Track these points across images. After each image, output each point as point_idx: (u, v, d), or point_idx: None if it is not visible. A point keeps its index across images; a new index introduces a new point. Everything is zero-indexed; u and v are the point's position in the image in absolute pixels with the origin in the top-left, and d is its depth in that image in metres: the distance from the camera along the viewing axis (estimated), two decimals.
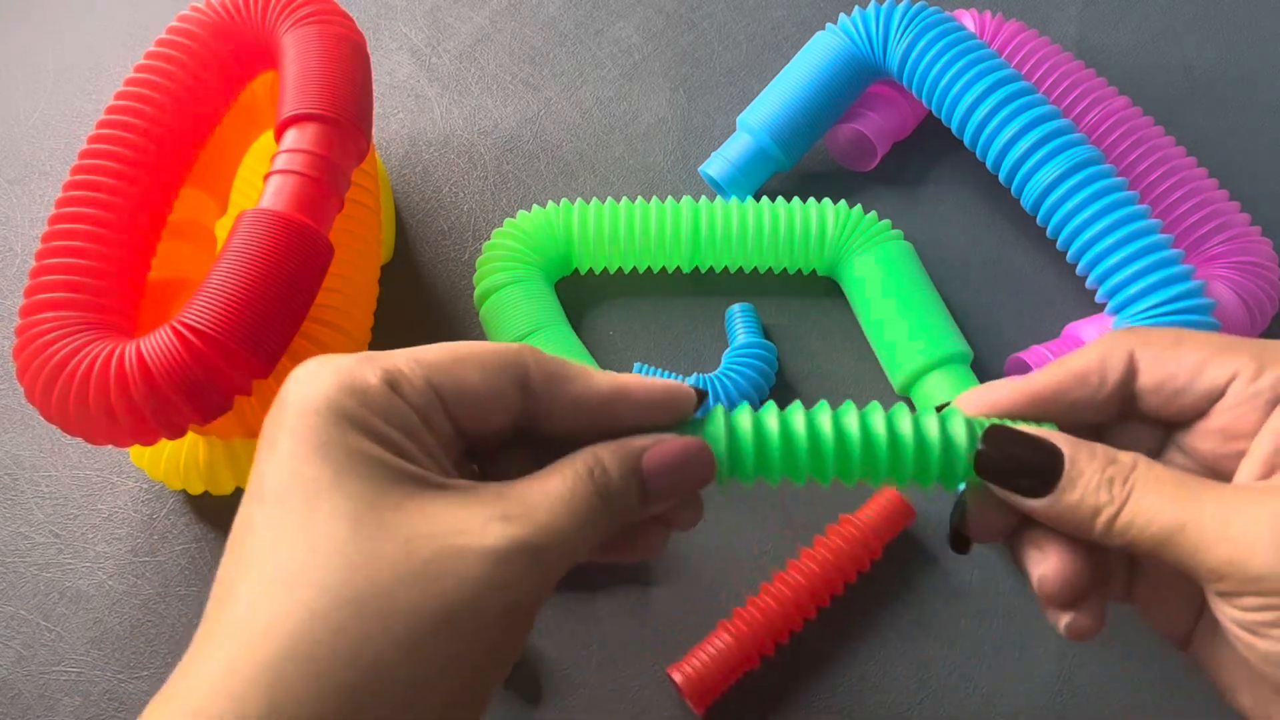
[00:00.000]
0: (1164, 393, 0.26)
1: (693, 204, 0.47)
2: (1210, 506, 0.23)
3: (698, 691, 0.38)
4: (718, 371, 0.45)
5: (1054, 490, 0.24)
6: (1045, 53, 0.48)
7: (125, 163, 0.40)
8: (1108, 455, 0.25)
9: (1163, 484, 0.24)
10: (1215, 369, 0.25)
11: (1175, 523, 0.23)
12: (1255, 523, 0.22)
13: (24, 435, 0.47)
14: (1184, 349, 0.26)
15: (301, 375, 0.24)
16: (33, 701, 0.41)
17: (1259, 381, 0.24)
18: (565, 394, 0.25)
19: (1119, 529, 0.24)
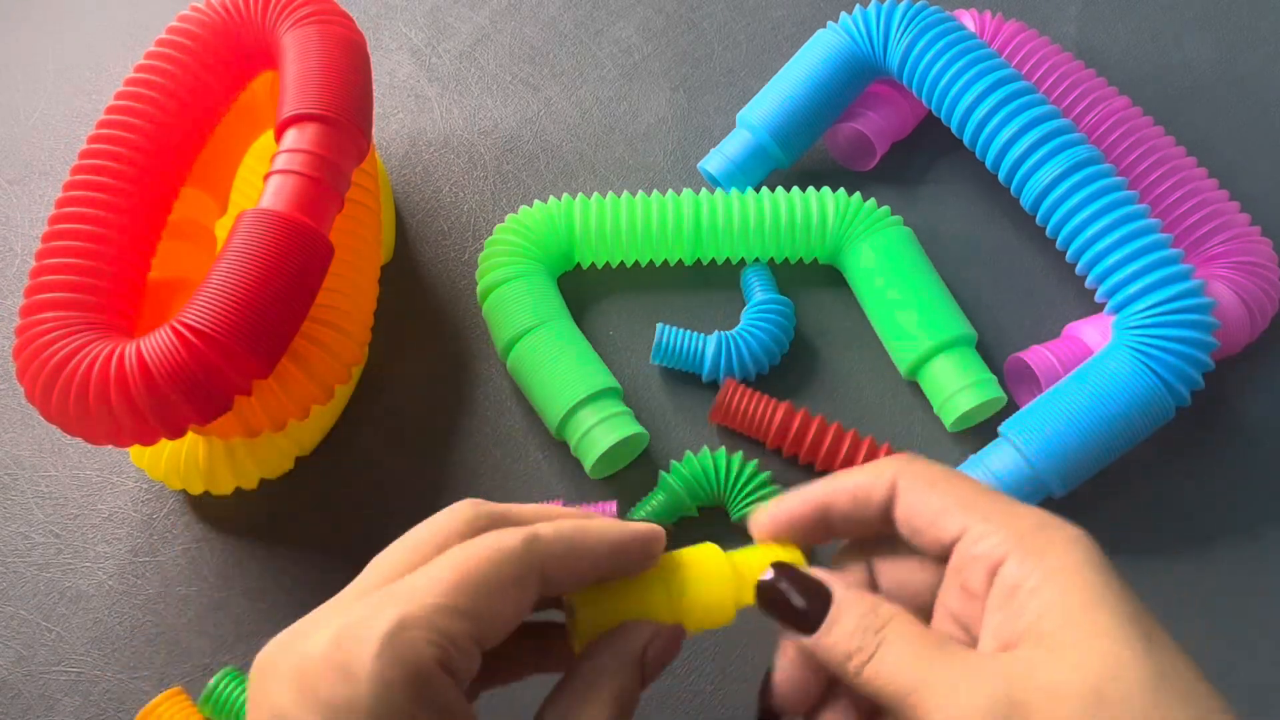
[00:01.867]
0: (908, 529, 0.27)
1: (693, 196, 0.47)
2: (941, 674, 0.24)
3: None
4: (738, 329, 0.46)
5: (818, 630, 0.26)
6: (1045, 53, 0.48)
7: (125, 163, 0.40)
8: (872, 605, 0.26)
9: (908, 643, 0.25)
10: (947, 522, 0.26)
11: (910, 684, 0.24)
12: (968, 700, 0.23)
13: (24, 435, 0.47)
14: (933, 492, 0.27)
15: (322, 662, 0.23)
16: (33, 701, 0.41)
17: (978, 546, 0.25)
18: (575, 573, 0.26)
19: (865, 678, 0.25)
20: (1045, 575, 0.24)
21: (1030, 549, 0.24)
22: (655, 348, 0.45)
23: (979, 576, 0.25)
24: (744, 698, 0.40)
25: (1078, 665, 0.22)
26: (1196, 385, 0.40)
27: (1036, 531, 0.25)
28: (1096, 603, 0.23)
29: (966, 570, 0.26)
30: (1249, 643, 0.40)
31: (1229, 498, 0.43)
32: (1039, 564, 0.24)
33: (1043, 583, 0.24)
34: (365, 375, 0.47)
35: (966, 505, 0.26)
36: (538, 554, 0.25)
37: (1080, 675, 0.22)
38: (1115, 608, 0.23)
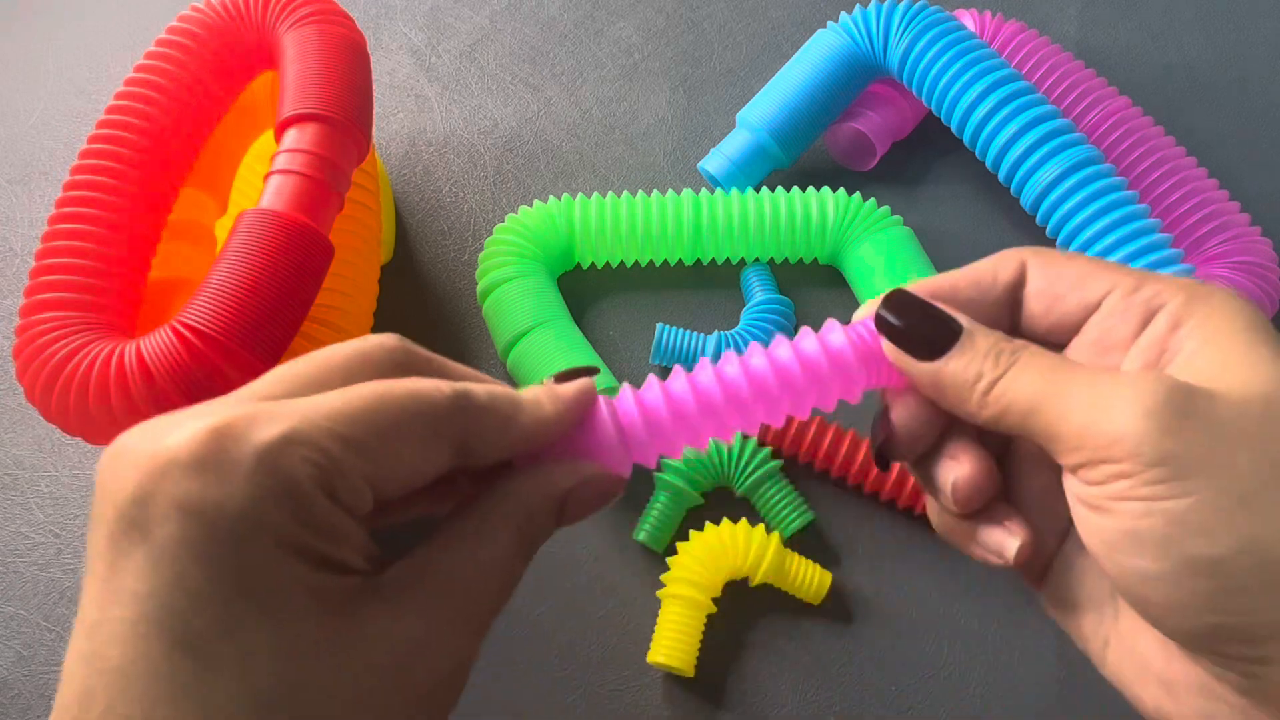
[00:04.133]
0: (1045, 300, 0.26)
1: (694, 196, 0.47)
2: (1080, 378, 0.23)
3: None
4: (738, 329, 0.46)
5: (944, 356, 0.24)
6: (1045, 53, 0.48)
7: (125, 163, 0.40)
8: (1000, 335, 0.25)
9: (1042, 361, 0.24)
10: (1095, 282, 0.25)
11: (1044, 391, 0.23)
12: (1125, 389, 0.22)
13: (24, 435, 0.47)
14: (1072, 262, 0.25)
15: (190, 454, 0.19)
16: (33, 701, 0.41)
17: (1134, 295, 0.24)
18: (498, 446, 0.24)
19: (994, 396, 0.24)
20: (1211, 312, 0.23)
21: (1195, 293, 0.23)
22: (655, 348, 0.45)
23: (1129, 324, 0.24)
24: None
25: (1245, 379, 0.21)
26: None
27: (1200, 286, 0.24)
28: (1259, 338, 0.22)
29: (1114, 320, 0.24)
30: None
31: None
32: (1205, 304, 0.23)
33: (1208, 318, 0.23)
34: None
35: (1114, 268, 0.25)
36: (462, 415, 0.22)
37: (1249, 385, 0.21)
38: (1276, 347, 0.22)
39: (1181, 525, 0.20)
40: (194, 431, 0.19)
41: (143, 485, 0.19)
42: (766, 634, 0.41)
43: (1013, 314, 0.26)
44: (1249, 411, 0.21)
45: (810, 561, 0.41)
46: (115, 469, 0.20)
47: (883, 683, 0.41)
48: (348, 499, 0.20)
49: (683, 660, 0.39)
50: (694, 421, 0.26)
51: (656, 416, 0.25)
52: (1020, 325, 0.26)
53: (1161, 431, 0.21)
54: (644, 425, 0.25)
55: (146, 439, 0.20)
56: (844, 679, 0.41)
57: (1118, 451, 0.21)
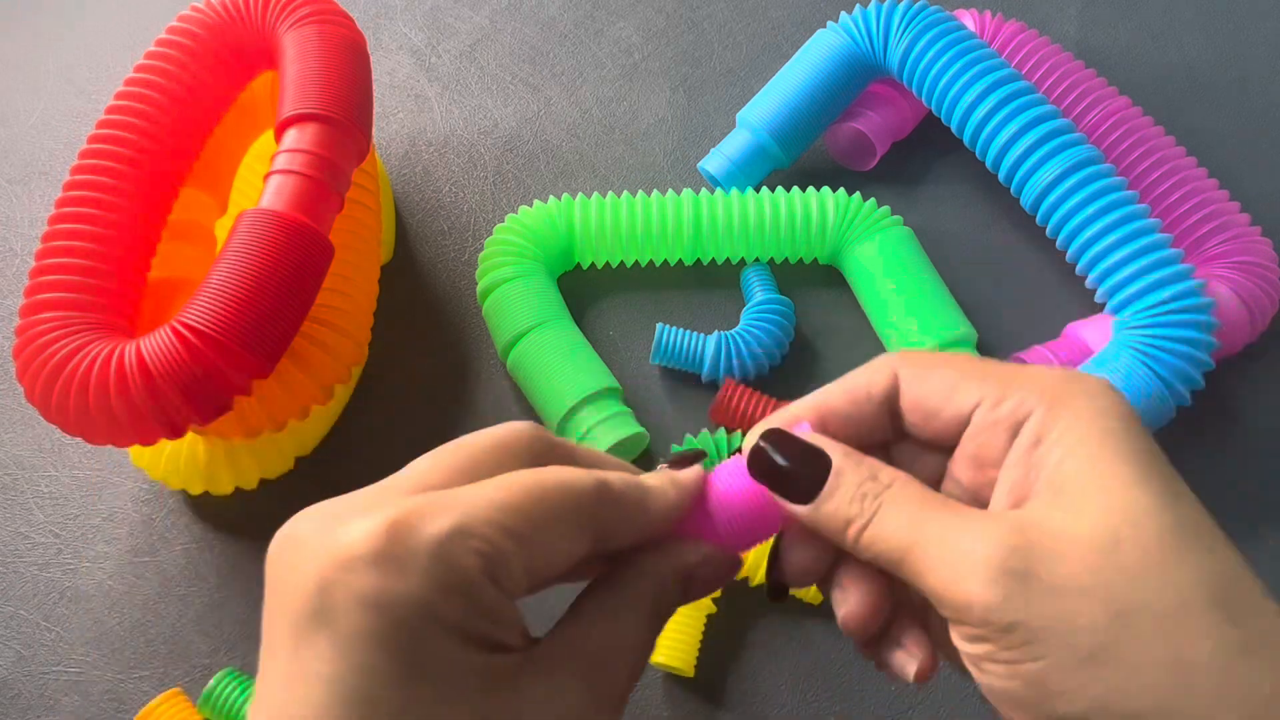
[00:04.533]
0: (919, 414, 0.26)
1: (694, 196, 0.47)
2: (937, 529, 0.23)
3: None
4: (738, 329, 0.46)
5: (816, 498, 0.25)
6: (1045, 53, 0.48)
7: (125, 163, 0.40)
8: (871, 470, 0.25)
9: (908, 503, 0.24)
10: (962, 395, 0.25)
11: (907, 542, 0.23)
12: (970, 549, 0.22)
13: (24, 435, 0.47)
14: (939, 371, 0.26)
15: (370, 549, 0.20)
16: (33, 701, 0.41)
17: (999, 408, 0.24)
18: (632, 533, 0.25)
19: (864, 543, 0.24)
20: (1070, 422, 0.23)
21: (1057, 399, 0.23)
22: (655, 348, 0.45)
23: (998, 440, 0.24)
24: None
25: (1095, 512, 0.21)
26: (1196, 385, 0.40)
27: (1062, 384, 0.24)
28: (1119, 451, 0.22)
29: (984, 437, 0.24)
30: None
31: (1229, 498, 0.43)
32: (1065, 412, 0.23)
33: (1067, 430, 0.23)
34: (365, 375, 0.47)
35: (982, 375, 0.25)
36: (604, 504, 0.24)
37: (1097, 521, 0.21)
38: (1138, 458, 0.22)
39: (1041, 688, 0.21)
40: (372, 526, 0.21)
41: (325, 576, 0.20)
42: (766, 634, 0.41)
43: (894, 421, 0.27)
44: (1092, 561, 0.21)
45: None
46: (293, 560, 0.21)
47: (883, 683, 0.41)
48: (509, 585, 0.22)
49: (683, 660, 0.39)
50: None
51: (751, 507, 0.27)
52: (905, 430, 0.27)
53: (1005, 599, 0.21)
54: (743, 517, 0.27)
55: (322, 531, 0.21)
56: (844, 679, 0.41)
57: (972, 617, 0.22)
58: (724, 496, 0.26)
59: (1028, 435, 0.23)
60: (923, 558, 0.23)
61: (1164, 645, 0.20)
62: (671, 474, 0.26)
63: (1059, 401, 0.23)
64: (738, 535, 0.26)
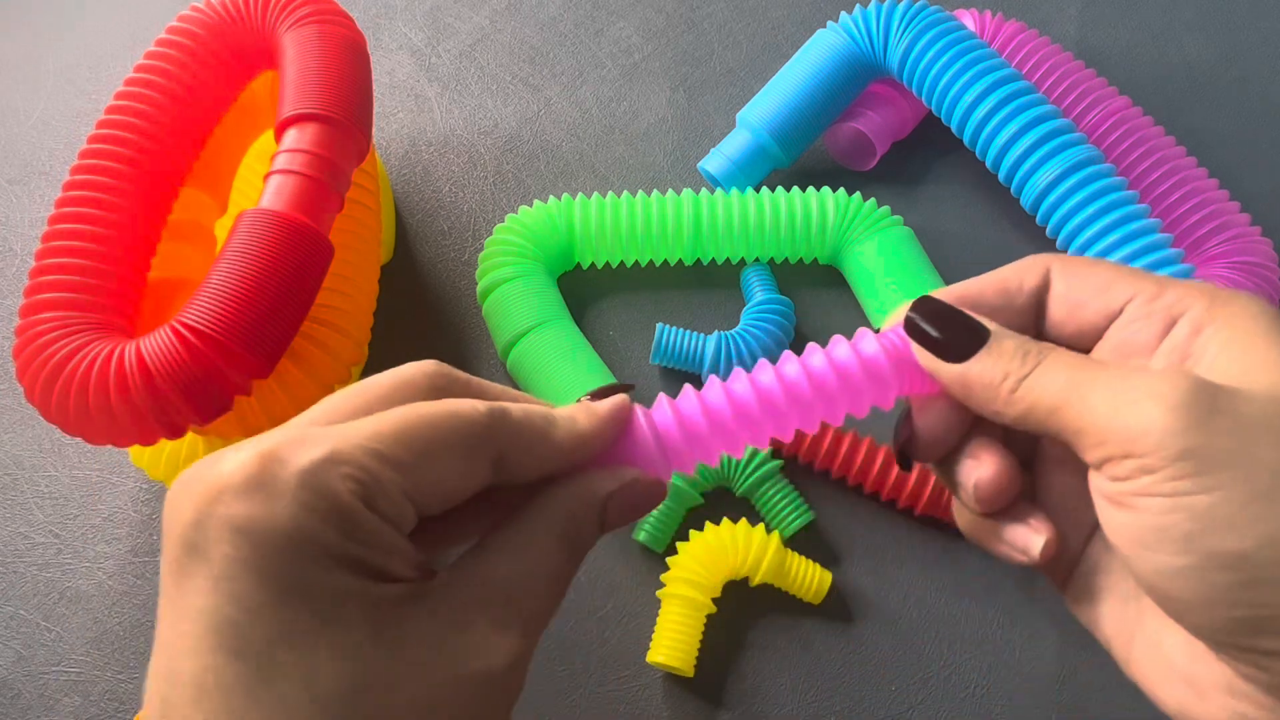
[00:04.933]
0: (1068, 306, 0.26)
1: (694, 196, 0.47)
2: (1105, 375, 0.23)
3: None
4: (738, 329, 0.46)
5: (972, 358, 0.25)
6: (1045, 53, 0.48)
7: (125, 163, 0.40)
8: (1026, 338, 0.25)
9: (1068, 359, 0.24)
10: (1118, 288, 0.25)
11: (1070, 388, 0.23)
12: (1148, 385, 0.22)
13: (24, 435, 0.47)
14: (1096, 269, 0.26)
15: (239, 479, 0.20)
16: (33, 701, 0.41)
17: (1157, 301, 0.24)
18: (534, 462, 0.24)
19: (1020, 394, 0.24)
20: (1231, 317, 0.23)
21: (1217, 298, 0.23)
22: (655, 348, 0.45)
23: (1152, 329, 0.24)
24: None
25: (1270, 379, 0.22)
26: None
27: (1219, 290, 0.24)
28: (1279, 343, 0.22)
29: (1136, 326, 0.24)
30: None
31: None
32: (1226, 309, 0.23)
33: (1229, 322, 0.23)
34: (365, 375, 0.47)
35: (1137, 274, 0.25)
36: (498, 432, 0.23)
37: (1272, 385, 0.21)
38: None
39: (1206, 520, 0.20)
40: (243, 458, 0.21)
41: (199, 510, 0.20)
42: (766, 634, 0.41)
43: (1037, 320, 0.27)
44: (1273, 409, 0.21)
45: (810, 561, 0.41)
46: (175, 499, 0.21)
47: (883, 683, 0.41)
48: (390, 512, 0.21)
49: (683, 660, 0.39)
50: (730, 429, 0.26)
51: (693, 424, 0.26)
52: (1044, 331, 0.27)
53: (1186, 426, 0.21)
54: (681, 433, 0.26)
55: (202, 468, 0.21)
56: (844, 679, 0.41)
57: (1142, 446, 0.21)
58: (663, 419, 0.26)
59: (1186, 325, 0.23)
60: (1091, 396, 0.22)
61: None
62: (587, 404, 0.26)
63: (1219, 300, 0.23)
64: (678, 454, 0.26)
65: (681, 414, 0.26)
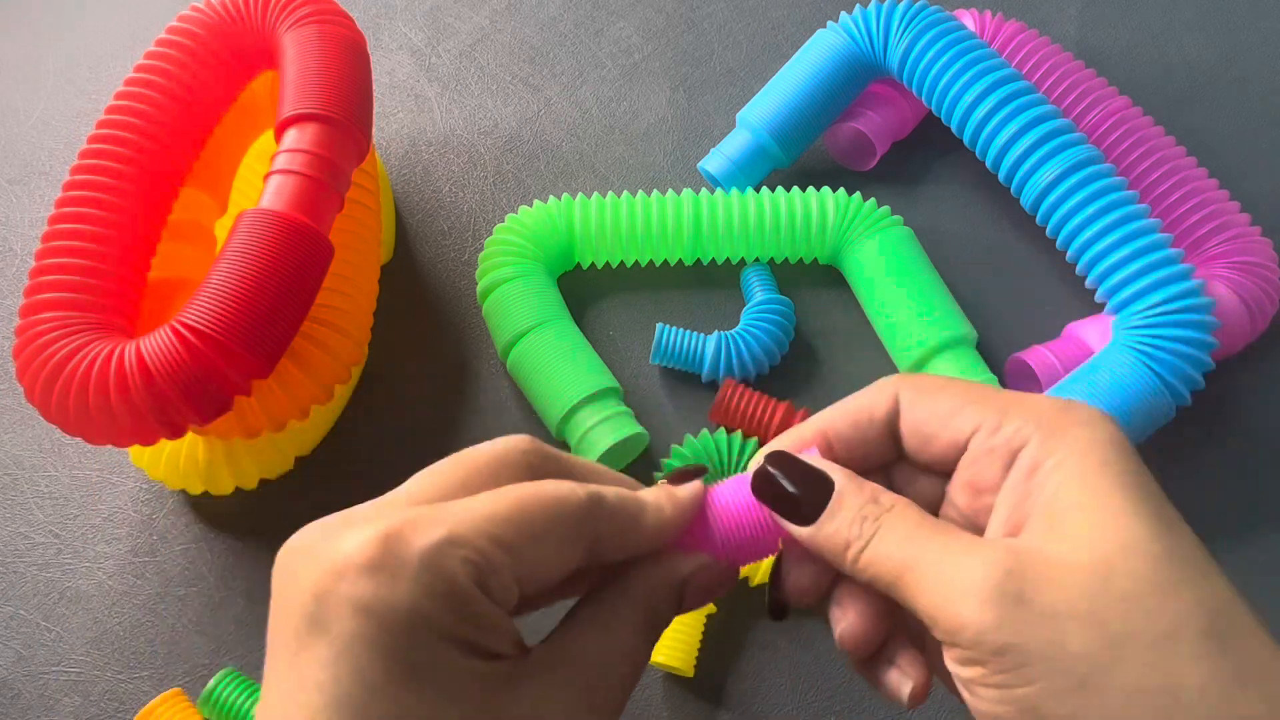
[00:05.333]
0: (918, 439, 0.26)
1: (694, 196, 0.47)
2: (933, 553, 0.23)
3: None
4: (738, 329, 0.46)
5: (817, 521, 0.25)
6: (1045, 53, 0.48)
7: (125, 163, 0.40)
8: (872, 494, 0.25)
9: (905, 527, 0.24)
10: (961, 420, 0.25)
11: (902, 565, 0.23)
12: (965, 573, 0.22)
13: (24, 435, 0.47)
14: (940, 396, 0.26)
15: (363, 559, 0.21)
16: (33, 701, 0.41)
17: (996, 435, 0.24)
18: (625, 547, 0.25)
19: (862, 564, 0.24)
20: (1067, 452, 0.23)
21: (1053, 428, 0.24)
22: (655, 348, 0.45)
23: (994, 467, 0.24)
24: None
25: (1090, 540, 0.22)
26: (1196, 385, 0.40)
27: (1059, 413, 0.24)
28: (1114, 481, 0.22)
29: (981, 464, 0.25)
30: None
31: (1229, 498, 0.43)
32: (1061, 441, 0.23)
33: (1063, 459, 0.23)
34: (365, 375, 0.47)
35: (980, 401, 0.25)
36: (597, 518, 0.24)
37: (1090, 550, 0.22)
38: (1132, 488, 0.22)
39: (1032, 713, 0.21)
40: (366, 537, 0.21)
41: (321, 585, 0.21)
42: (766, 634, 0.41)
43: (896, 444, 0.27)
44: (1085, 587, 0.21)
45: None
46: (295, 568, 0.22)
47: None
48: (499, 594, 0.22)
49: (683, 660, 0.39)
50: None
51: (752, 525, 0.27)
52: (904, 456, 0.27)
53: (998, 622, 0.21)
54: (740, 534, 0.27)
55: (322, 541, 0.22)
56: (844, 679, 0.41)
57: (965, 639, 0.22)
58: (724, 513, 0.27)
59: (1024, 463, 0.24)
60: (918, 580, 0.23)
61: (1156, 673, 0.20)
62: (669, 489, 0.27)
63: (1055, 430, 0.24)
64: (737, 551, 0.27)
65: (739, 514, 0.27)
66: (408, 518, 0.22)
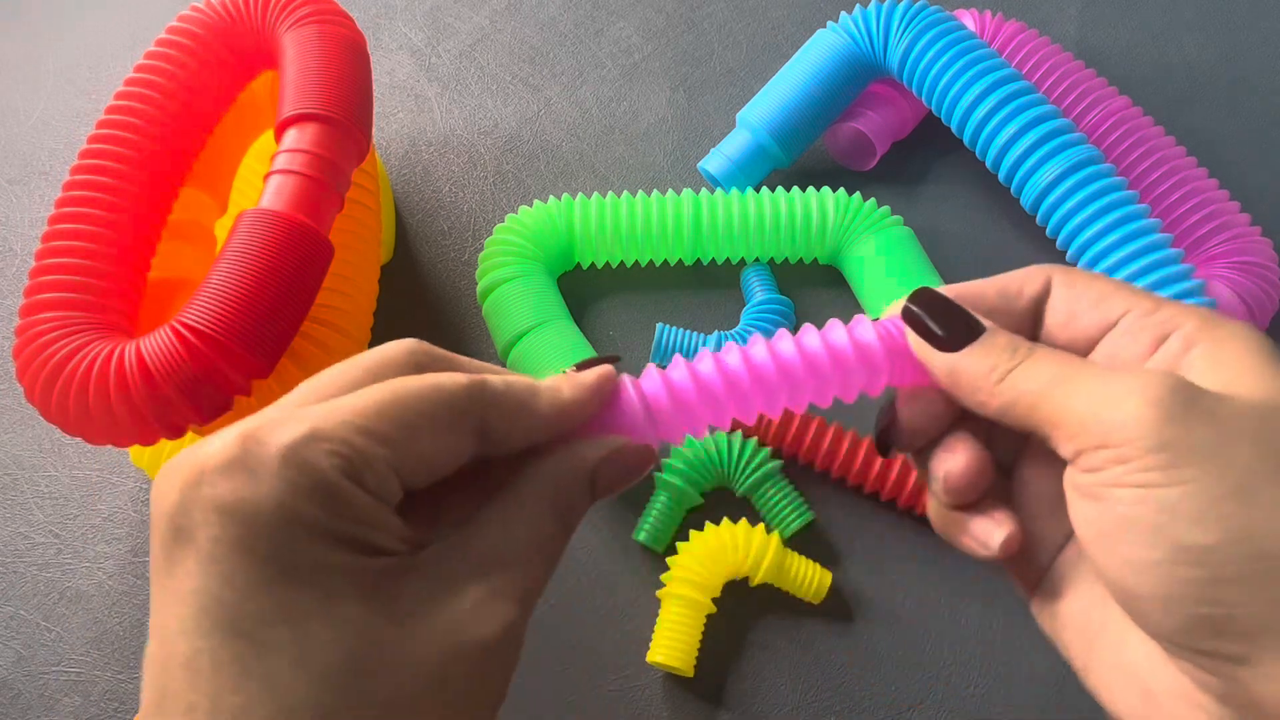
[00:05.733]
0: (1064, 315, 0.26)
1: (693, 196, 0.47)
2: (1090, 371, 0.23)
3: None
4: (738, 329, 0.46)
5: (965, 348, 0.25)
6: (1045, 53, 0.48)
7: (125, 163, 0.40)
8: (1019, 336, 0.25)
9: (1056, 356, 0.24)
10: (1114, 302, 0.25)
11: (1054, 382, 0.23)
12: (1127, 379, 0.22)
13: (24, 435, 0.47)
14: (1095, 282, 0.26)
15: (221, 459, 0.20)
16: (33, 701, 0.41)
17: (1150, 317, 0.24)
18: (518, 432, 0.24)
19: (1005, 385, 0.24)
20: (1222, 338, 0.23)
21: (1210, 321, 0.24)
22: (655, 348, 0.45)
23: (1143, 342, 0.24)
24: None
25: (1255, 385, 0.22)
26: None
27: (1217, 315, 0.24)
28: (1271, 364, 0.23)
29: (1129, 338, 0.25)
30: None
31: None
32: (1217, 331, 0.24)
33: (1219, 343, 0.23)
34: None
35: (1134, 291, 0.25)
36: (480, 403, 0.23)
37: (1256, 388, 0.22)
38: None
39: (1174, 513, 0.21)
40: (225, 439, 0.21)
41: (183, 493, 0.21)
42: (766, 634, 0.41)
43: (1034, 328, 0.27)
44: (1253, 411, 0.21)
45: (810, 561, 0.41)
46: (160, 485, 0.21)
47: (882, 683, 0.41)
48: (376, 487, 0.22)
49: (683, 660, 0.39)
50: (719, 400, 0.26)
51: (682, 393, 0.26)
52: (1040, 339, 0.27)
53: (1163, 419, 0.21)
54: (670, 401, 0.26)
55: (185, 453, 0.21)
56: (844, 679, 0.41)
57: (1118, 437, 0.21)
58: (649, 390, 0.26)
59: (1177, 342, 0.24)
60: (1073, 389, 0.23)
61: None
62: (571, 374, 0.26)
63: (1211, 323, 0.24)
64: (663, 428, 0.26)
65: (671, 383, 0.26)
66: (268, 418, 0.21)
